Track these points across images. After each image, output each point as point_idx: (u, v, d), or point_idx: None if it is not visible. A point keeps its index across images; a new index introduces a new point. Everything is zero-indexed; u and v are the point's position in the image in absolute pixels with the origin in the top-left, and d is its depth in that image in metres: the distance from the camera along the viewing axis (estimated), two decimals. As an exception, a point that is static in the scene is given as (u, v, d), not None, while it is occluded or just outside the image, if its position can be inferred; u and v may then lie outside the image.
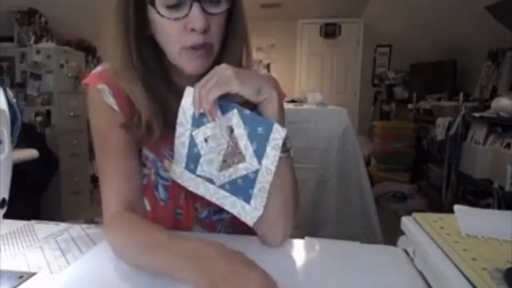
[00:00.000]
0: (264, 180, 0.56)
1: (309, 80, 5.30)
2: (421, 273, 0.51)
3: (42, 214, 2.65)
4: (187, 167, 0.62)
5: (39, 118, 2.75)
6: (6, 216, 0.53)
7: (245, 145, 0.57)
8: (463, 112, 2.61)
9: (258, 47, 5.09)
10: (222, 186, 0.61)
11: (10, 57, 2.79)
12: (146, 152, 0.67)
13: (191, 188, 0.62)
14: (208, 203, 0.65)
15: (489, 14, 2.59)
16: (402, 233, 0.60)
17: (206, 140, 0.59)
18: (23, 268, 0.53)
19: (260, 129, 0.55)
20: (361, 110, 5.17)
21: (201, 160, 0.61)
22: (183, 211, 0.68)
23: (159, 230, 0.53)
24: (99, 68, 0.67)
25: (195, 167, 0.61)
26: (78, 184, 3.03)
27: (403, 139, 3.62)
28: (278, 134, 0.55)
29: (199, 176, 0.61)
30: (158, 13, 0.56)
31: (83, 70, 3.09)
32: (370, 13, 4.64)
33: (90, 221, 2.49)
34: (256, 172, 0.57)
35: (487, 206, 2.17)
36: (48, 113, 2.78)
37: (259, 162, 0.56)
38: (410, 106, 3.90)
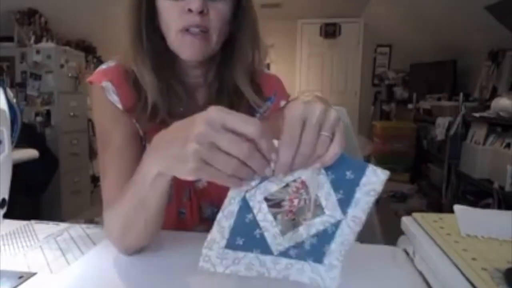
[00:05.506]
0: (347, 232, 0.45)
1: (309, 80, 5.30)
2: (421, 273, 0.51)
3: (42, 214, 2.66)
4: (230, 245, 0.45)
5: (39, 118, 2.75)
6: (6, 216, 0.53)
7: (327, 195, 0.44)
8: (463, 112, 2.62)
9: (258, 47, 5.09)
10: (283, 253, 0.46)
11: (10, 57, 2.79)
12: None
13: (241, 273, 0.46)
14: (211, 201, 0.64)
15: (489, 14, 2.59)
16: (402, 233, 0.60)
17: (267, 199, 0.44)
18: (23, 268, 0.53)
19: (349, 173, 0.44)
20: (361, 110, 5.17)
21: (268, 234, 0.45)
22: (187, 210, 0.68)
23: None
24: (103, 66, 0.68)
25: (247, 242, 0.45)
26: (78, 184, 3.02)
27: (403, 139, 3.62)
28: (375, 177, 0.43)
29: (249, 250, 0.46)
30: None
31: (83, 70, 3.09)
32: (370, 13, 4.63)
33: (90, 221, 2.49)
34: (336, 224, 0.45)
35: (487, 206, 2.17)
36: (48, 113, 2.78)
37: (344, 212, 0.44)
38: (410, 106, 3.90)
